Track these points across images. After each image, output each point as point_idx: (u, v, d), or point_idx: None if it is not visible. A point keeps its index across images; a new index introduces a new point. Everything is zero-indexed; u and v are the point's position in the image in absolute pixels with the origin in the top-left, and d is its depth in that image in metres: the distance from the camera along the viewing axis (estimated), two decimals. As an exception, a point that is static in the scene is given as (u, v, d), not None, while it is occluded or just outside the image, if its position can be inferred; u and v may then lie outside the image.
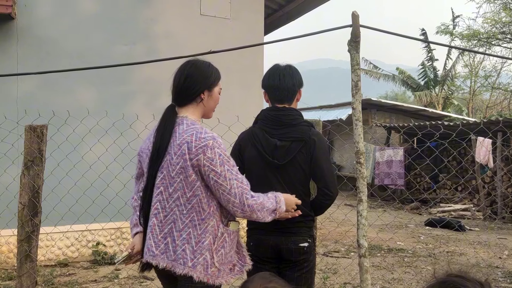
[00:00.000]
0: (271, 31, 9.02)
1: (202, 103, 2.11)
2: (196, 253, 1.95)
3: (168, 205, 2.00)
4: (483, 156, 10.15)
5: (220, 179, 1.95)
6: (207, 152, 1.93)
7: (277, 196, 2.13)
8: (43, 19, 5.61)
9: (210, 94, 2.12)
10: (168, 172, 1.99)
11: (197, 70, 2.10)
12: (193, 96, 2.09)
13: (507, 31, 17.67)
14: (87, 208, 4.77)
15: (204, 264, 1.96)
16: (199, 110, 2.12)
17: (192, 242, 1.96)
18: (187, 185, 1.96)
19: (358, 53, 2.63)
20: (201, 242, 1.96)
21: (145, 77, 6.01)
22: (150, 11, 6.12)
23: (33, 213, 3.01)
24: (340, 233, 7.47)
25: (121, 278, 5.00)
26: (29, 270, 3.00)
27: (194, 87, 2.08)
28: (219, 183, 1.95)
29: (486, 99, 26.87)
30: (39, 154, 3.02)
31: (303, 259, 2.36)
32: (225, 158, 1.97)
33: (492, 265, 5.87)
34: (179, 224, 1.98)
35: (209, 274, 1.97)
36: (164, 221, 2.00)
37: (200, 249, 1.96)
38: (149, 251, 2.02)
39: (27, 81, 5.47)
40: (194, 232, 1.96)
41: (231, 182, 1.96)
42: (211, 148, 1.94)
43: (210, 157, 1.93)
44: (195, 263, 1.95)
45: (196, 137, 1.95)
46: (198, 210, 1.97)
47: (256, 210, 2.02)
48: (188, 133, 1.97)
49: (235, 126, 3.50)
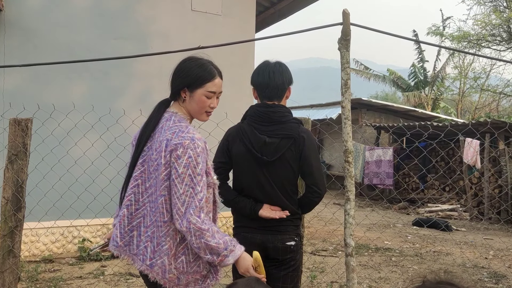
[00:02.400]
0: (262, 28, 8.99)
1: (185, 103, 2.00)
2: (156, 254, 1.89)
3: (141, 199, 1.96)
4: (471, 157, 10.24)
5: (177, 179, 1.83)
6: (179, 149, 1.84)
7: (235, 247, 1.86)
8: (31, 12, 5.52)
9: (192, 95, 1.98)
10: (148, 167, 1.96)
11: (183, 66, 2.01)
12: (174, 92, 2.01)
13: (497, 33, 17.85)
14: (72, 204, 4.71)
15: (162, 267, 1.89)
16: (183, 108, 2.02)
17: (154, 242, 1.90)
18: (158, 183, 1.89)
19: (348, 51, 2.61)
20: (160, 245, 1.89)
21: (134, 72, 5.95)
22: (141, 6, 6.06)
23: (17, 208, 2.96)
24: (328, 232, 7.49)
25: (106, 275, 4.95)
26: (12, 266, 2.95)
27: (175, 82, 2.01)
28: (175, 183, 1.84)
29: (475, 101, 27.12)
30: (24, 148, 2.97)
31: (290, 257, 2.35)
32: (193, 163, 1.84)
33: (478, 265, 5.91)
34: (147, 220, 1.93)
35: (166, 278, 1.89)
36: (135, 214, 1.96)
37: (160, 251, 1.89)
38: (113, 240, 1.99)
39: (14, 73, 5.38)
40: (156, 232, 1.90)
41: (185, 188, 1.82)
42: (184, 147, 1.84)
43: (179, 154, 1.84)
44: (153, 263, 1.90)
45: (176, 135, 1.88)
46: (162, 211, 1.88)
47: (193, 233, 1.80)
48: (172, 130, 1.91)
49: (223, 123, 3.47)
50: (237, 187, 2.40)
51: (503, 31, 17.49)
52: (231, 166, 2.41)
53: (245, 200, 2.33)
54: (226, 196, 2.36)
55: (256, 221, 2.30)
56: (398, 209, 11.82)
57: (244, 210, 2.32)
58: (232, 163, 2.39)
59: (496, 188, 10.29)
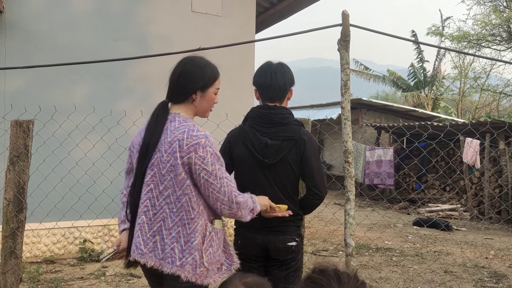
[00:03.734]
0: (262, 29, 9.00)
1: (193, 103, 2.06)
2: (185, 252, 1.93)
3: (158, 203, 1.97)
4: (471, 156, 10.24)
5: (211, 177, 1.93)
6: (199, 150, 1.90)
7: (252, 196, 2.12)
8: (32, 13, 5.54)
9: (203, 95, 2.06)
10: (158, 169, 1.96)
11: (192, 68, 2.04)
12: (186, 96, 2.04)
13: (496, 33, 17.85)
14: (73, 205, 4.73)
15: (193, 263, 1.93)
16: (191, 109, 2.07)
17: (181, 241, 1.93)
18: (177, 183, 1.93)
19: (348, 52, 2.63)
20: (190, 242, 1.93)
21: (135, 74, 5.96)
22: (141, 7, 6.07)
23: (18, 209, 2.97)
24: (328, 232, 7.50)
25: (108, 276, 4.96)
26: (14, 267, 2.96)
27: (187, 86, 2.03)
28: (209, 181, 1.93)
29: (475, 101, 27.13)
30: (25, 149, 2.98)
31: (291, 258, 2.36)
32: (215, 157, 1.96)
33: (479, 265, 5.92)
34: (168, 222, 1.95)
35: (197, 274, 1.94)
36: (154, 219, 1.97)
37: (189, 248, 1.93)
38: (137, 249, 1.98)
39: (15, 75, 5.39)
40: (183, 231, 1.94)
41: (221, 180, 1.95)
42: (203, 147, 1.91)
43: (202, 155, 1.91)
44: (183, 262, 1.92)
45: (188, 135, 1.92)
46: (188, 209, 1.94)
47: (242, 208, 2.02)
48: (180, 130, 1.94)
49: (224, 124, 3.48)
50: (238, 189, 2.40)
51: (503, 31, 17.49)
52: (232, 168, 2.42)
53: (246, 201, 2.34)
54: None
55: (257, 222, 2.31)
56: (399, 209, 11.83)
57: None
58: (234, 164, 2.40)
59: (496, 188, 10.30)
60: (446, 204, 11.56)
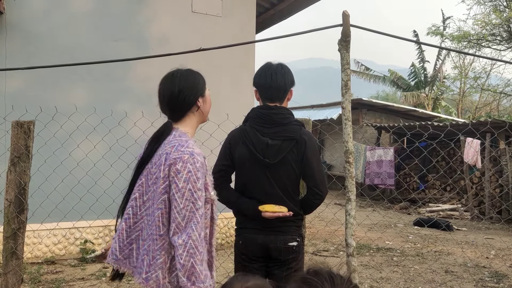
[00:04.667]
0: (263, 29, 9.01)
1: (200, 110, 2.05)
2: (151, 267, 1.89)
3: (139, 213, 1.97)
4: (472, 156, 10.24)
5: (177, 194, 1.83)
6: (178, 164, 1.84)
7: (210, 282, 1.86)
8: (32, 14, 5.54)
9: (204, 99, 2.07)
10: (146, 180, 1.96)
11: (186, 81, 2.03)
12: (189, 107, 2.02)
13: (497, 33, 17.84)
14: (74, 206, 4.73)
15: (156, 281, 1.87)
16: (195, 118, 2.06)
17: (149, 255, 1.90)
18: (156, 196, 1.89)
19: (348, 52, 2.63)
20: (155, 259, 1.88)
21: (135, 74, 5.97)
22: (141, 8, 6.08)
23: (19, 210, 2.97)
24: (329, 232, 7.50)
25: (108, 276, 4.97)
26: (15, 268, 2.97)
27: (189, 98, 2.01)
28: (175, 197, 1.83)
29: (475, 100, 27.12)
30: (26, 150, 2.99)
31: (292, 258, 2.36)
32: (193, 177, 1.84)
33: (479, 265, 5.92)
34: (144, 233, 1.94)
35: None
36: (133, 227, 1.97)
37: (154, 265, 1.88)
38: (112, 254, 2.00)
39: (16, 76, 5.40)
40: (152, 246, 1.89)
41: (186, 202, 1.82)
42: (183, 162, 1.84)
43: (179, 169, 1.84)
44: (148, 277, 1.89)
45: (175, 149, 1.89)
46: (158, 225, 1.87)
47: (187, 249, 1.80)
48: (171, 144, 1.92)
49: (224, 125, 3.49)
50: (239, 189, 2.41)
51: (503, 30, 17.48)
52: (233, 169, 2.42)
53: (247, 202, 2.34)
54: (228, 198, 2.38)
55: (258, 222, 2.31)
56: (399, 209, 11.83)
57: (247, 212, 2.34)
58: (235, 165, 2.41)
59: (497, 188, 10.29)
60: (447, 204, 11.56)
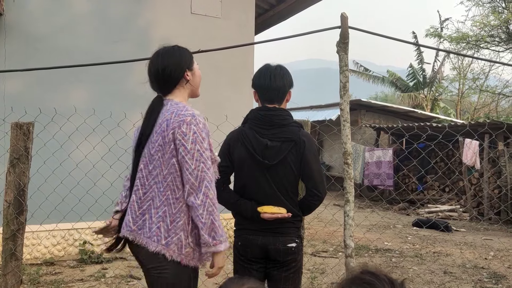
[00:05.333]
0: (262, 30, 9.02)
1: (189, 83, 2.15)
2: (171, 232, 1.94)
3: (147, 182, 2.01)
4: (470, 157, 10.27)
5: (187, 156, 1.91)
6: (183, 126, 1.93)
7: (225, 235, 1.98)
8: (32, 15, 5.55)
9: (193, 72, 2.17)
10: (148, 150, 2.02)
11: (171, 57, 2.12)
12: (177, 81, 2.11)
13: (495, 34, 17.87)
14: (73, 207, 4.73)
15: (179, 243, 1.94)
16: (186, 91, 2.16)
17: (167, 221, 1.94)
18: (164, 162, 1.96)
19: (347, 54, 2.64)
20: (175, 221, 1.94)
21: (135, 75, 5.97)
22: (140, 10, 6.09)
23: (19, 211, 2.98)
24: (328, 233, 7.51)
25: (107, 277, 4.97)
26: (14, 269, 2.97)
27: (175, 72, 2.10)
28: (185, 159, 1.91)
29: (474, 101, 27.17)
30: (25, 151, 2.99)
31: (291, 259, 2.36)
32: (199, 138, 1.94)
33: (478, 266, 5.94)
34: (156, 201, 1.98)
35: (183, 254, 1.95)
36: (144, 197, 2.01)
37: (175, 228, 1.94)
38: (126, 226, 2.04)
39: (15, 78, 5.40)
40: (169, 210, 1.95)
41: (197, 163, 1.91)
42: (187, 124, 1.94)
43: (184, 131, 1.93)
44: (168, 241, 1.93)
45: (175, 114, 1.97)
46: (173, 189, 1.95)
47: (206, 207, 1.90)
48: (170, 111, 2.00)
49: (223, 125, 3.50)
50: (238, 190, 2.42)
51: (502, 32, 17.52)
52: (232, 170, 2.43)
53: (247, 203, 2.35)
54: (227, 199, 2.39)
55: (257, 223, 2.32)
56: (398, 210, 11.84)
57: (246, 213, 2.34)
58: (234, 166, 2.42)
59: (496, 189, 10.31)
60: (446, 205, 11.57)
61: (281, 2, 7.90)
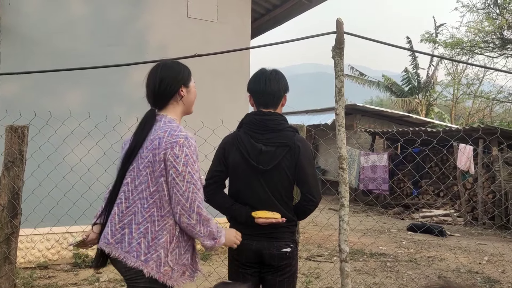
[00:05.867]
0: (258, 35, 9.05)
1: (182, 100, 2.16)
2: (151, 248, 1.96)
3: (132, 197, 2.03)
4: (465, 162, 10.32)
5: (178, 177, 1.94)
6: (175, 148, 1.95)
7: (219, 227, 2.09)
8: (28, 19, 5.54)
9: (188, 89, 2.18)
10: (137, 164, 2.03)
11: (169, 70, 2.14)
12: (171, 95, 2.12)
13: (489, 40, 18.00)
14: (68, 211, 4.71)
15: (158, 261, 1.96)
16: (180, 108, 2.17)
17: (148, 237, 1.97)
18: (152, 180, 1.98)
19: (342, 59, 2.66)
20: (157, 239, 1.97)
21: (130, 79, 5.97)
22: (137, 13, 6.09)
23: (13, 214, 2.97)
24: (323, 237, 7.51)
25: (101, 282, 4.95)
26: (8, 273, 2.96)
27: (171, 86, 2.12)
28: (176, 181, 1.94)
29: (468, 107, 27.33)
30: (20, 155, 2.98)
31: (286, 264, 2.36)
32: (190, 160, 1.97)
33: (472, 271, 5.96)
34: (138, 217, 1.99)
35: (161, 272, 1.97)
36: (125, 211, 2.02)
37: (156, 245, 1.97)
38: (104, 238, 2.06)
39: (10, 81, 5.38)
40: (152, 227, 1.97)
41: (188, 185, 1.95)
42: (180, 146, 1.96)
43: (176, 153, 1.95)
44: (148, 258, 1.96)
45: (168, 134, 1.99)
46: (159, 206, 1.98)
47: (202, 223, 1.99)
48: (163, 129, 2.02)
49: (219, 130, 3.50)
50: (233, 195, 2.42)
51: (496, 38, 17.64)
52: (227, 174, 2.43)
53: (241, 208, 2.35)
54: (222, 203, 2.39)
55: (252, 228, 2.32)
56: (393, 214, 11.87)
57: (240, 218, 2.34)
58: (228, 171, 2.42)
59: (490, 194, 10.36)
60: (440, 209, 11.61)
61: (277, 7, 7.94)
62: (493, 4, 17.06)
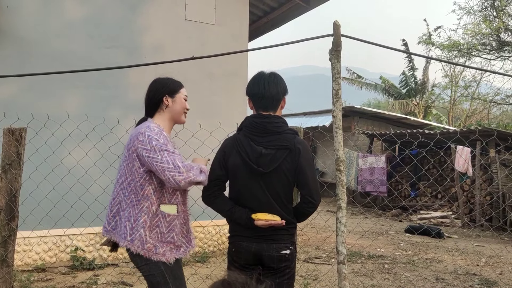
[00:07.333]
0: (256, 37, 9.07)
1: (168, 108, 2.43)
2: (134, 229, 2.27)
3: (115, 190, 2.39)
4: (462, 164, 10.34)
5: (151, 153, 2.22)
6: (139, 136, 2.26)
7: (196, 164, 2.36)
8: (25, 21, 5.53)
9: (174, 99, 2.44)
10: (120, 162, 2.40)
11: (155, 83, 2.47)
12: (156, 103, 2.42)
13: (486, 42, 18.07)
14: (65, 213, 4.71)
15: (140, 239, 2.26)
16: (166, 115, 2.44)
17: (131, 220, 2.28)
18: (128, 171, 2.32)
19: (339, 62, 2.66)
20: (137, 221, 2.27)
21: (128, 82, 5.97)
22: (135, 16, 6.10)
23: (10, 217, 2.96)
24: (321, 239, 7.51)
25: (99, 284, 4.94)
26: (5, 275, 2.95)
27: (154, 95, 2.43)
28: (151, 156, 2.21)
29: (466, 109, 27.42)
30: (17, 157, 2.98)
31: (285, 266, 2.37)
32: (154, 137, 2.24)
33: (470, 272, 5.97)
34: (123, 204, 2.33)
35: (145, 249, 2.27)
36: (113, 202, 2.39)
37: (137, 226, 2.27)
38: (104, 227, 2.43)
39: (8, 83, 5.37)
40: (133, 211, 2.28)
41: (161, 153, 2.22)
42: (142, 133, 2.26)
43: (141, 140, 2.25)
44: (133, 238, 2.27)
45: (136, 130, 2.32)
46: (135, 192, 2.29)
47: (190, 170, 2.26)
48: (136, 130, 2.32)
49: (217, 132, 3.51)
50: (233, 197, 2.42)
51: (493, 40, 17.72)
52: (227, 178, 2.43)
53: (241, 210, 2.35)
54: (222, 206, 2.39)
55: (251, 230, 2.32)
56: (391, 216, 11.88)
57: (240, 220, 2.34)
58: (228, 174, 2.42)
59: (487, 195, 10.39)
60: (438, 211, 11.63)
61: (275, 9, 7.96)
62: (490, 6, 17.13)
